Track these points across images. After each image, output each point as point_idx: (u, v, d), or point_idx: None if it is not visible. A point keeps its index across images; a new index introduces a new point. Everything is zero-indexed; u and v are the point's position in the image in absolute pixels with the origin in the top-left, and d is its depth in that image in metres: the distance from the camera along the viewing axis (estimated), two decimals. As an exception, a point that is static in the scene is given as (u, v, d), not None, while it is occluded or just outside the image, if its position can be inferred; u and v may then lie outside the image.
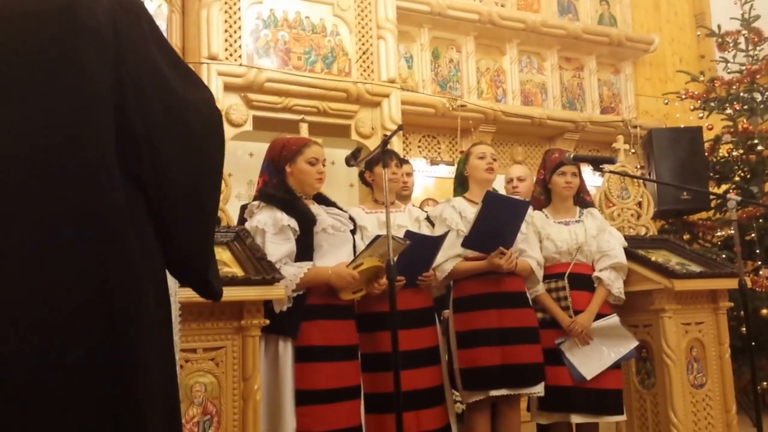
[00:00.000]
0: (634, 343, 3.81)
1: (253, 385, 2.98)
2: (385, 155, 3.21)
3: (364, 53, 6.16)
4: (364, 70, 6.16)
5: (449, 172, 6.92)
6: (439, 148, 7.29)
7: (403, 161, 4.14)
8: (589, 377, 3.65)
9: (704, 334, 4.05)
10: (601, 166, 3.81)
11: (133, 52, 1.54)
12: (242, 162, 6.32)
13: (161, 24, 5.81)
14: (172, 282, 2.02)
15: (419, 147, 7.20)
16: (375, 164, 3.64)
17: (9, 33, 1.51)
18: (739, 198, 3.75)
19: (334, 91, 5.96)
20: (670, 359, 3.88)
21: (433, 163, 7.23)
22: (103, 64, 1.49)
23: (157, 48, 1.61)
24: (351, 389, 3.26)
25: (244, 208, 3.47)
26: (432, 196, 6.56)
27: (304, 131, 4.31)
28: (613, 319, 3.79)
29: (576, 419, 3.68)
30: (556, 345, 3.72)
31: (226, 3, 5.65)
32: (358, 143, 6.09)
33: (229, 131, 5.60)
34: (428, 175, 7.21)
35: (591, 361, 3.69)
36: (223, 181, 3.56)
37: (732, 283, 3.94)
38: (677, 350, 3.92)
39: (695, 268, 4.07)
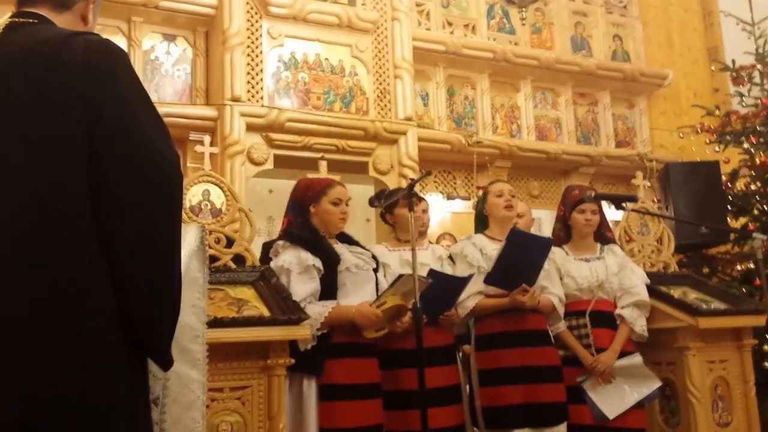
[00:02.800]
0: (658, 384, 3.77)
1: (278, 424, 3.00)
2: (411, 199, 3.24)
3: (381, 92, 6.24)
4: (382, 109, 6.23)
5: (465, 206, 6.94)
6: (455, 184, 7.31)
7: (420, 199, 4.17)
8: (611, 417, 3.61)
9: (729, 372, 4.00)
10: (622, 205, 3.81)
11: (106, 97, 1.56)
12: (262, 198, 6.38)
13: (186, 67, 5.98)
14: (200, 323, 2.04)
15: (436, 182, 7.22)
16: (395, 206, 3.67)
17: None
18: (765, 236, 3.74)
19: (352, 130, 6.03)
20: (695, 398, 3.84)
21: (450, 198, 7.23)
22: (73, 104, 1.54)
23: (133, 95, 1.61)
24: (374, 428, 3.26)
25: (266, 246, 3.50)
26: (448, 231, 6.58)
27: (323, 169, 4.35)
28: (637, 359, 3.76)
29: (598, 458, 3.65)
30: (578, 383, 3.69)
31: (248, 47, 5.79)
32: (375, 180, 6.14)
33: (250, 169, 5.67)
34: (445, 210, 7.22)
35: (613, 400, 3.66)
36: (247, 219, 3.60)
37: (758, 320, 3.91)
38: (702, 389, 3.87)
39: (719, 305, 4.04)
